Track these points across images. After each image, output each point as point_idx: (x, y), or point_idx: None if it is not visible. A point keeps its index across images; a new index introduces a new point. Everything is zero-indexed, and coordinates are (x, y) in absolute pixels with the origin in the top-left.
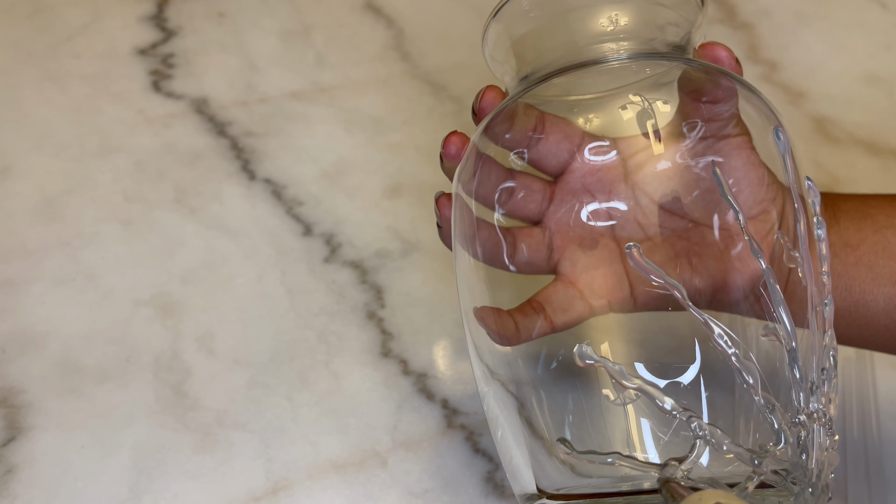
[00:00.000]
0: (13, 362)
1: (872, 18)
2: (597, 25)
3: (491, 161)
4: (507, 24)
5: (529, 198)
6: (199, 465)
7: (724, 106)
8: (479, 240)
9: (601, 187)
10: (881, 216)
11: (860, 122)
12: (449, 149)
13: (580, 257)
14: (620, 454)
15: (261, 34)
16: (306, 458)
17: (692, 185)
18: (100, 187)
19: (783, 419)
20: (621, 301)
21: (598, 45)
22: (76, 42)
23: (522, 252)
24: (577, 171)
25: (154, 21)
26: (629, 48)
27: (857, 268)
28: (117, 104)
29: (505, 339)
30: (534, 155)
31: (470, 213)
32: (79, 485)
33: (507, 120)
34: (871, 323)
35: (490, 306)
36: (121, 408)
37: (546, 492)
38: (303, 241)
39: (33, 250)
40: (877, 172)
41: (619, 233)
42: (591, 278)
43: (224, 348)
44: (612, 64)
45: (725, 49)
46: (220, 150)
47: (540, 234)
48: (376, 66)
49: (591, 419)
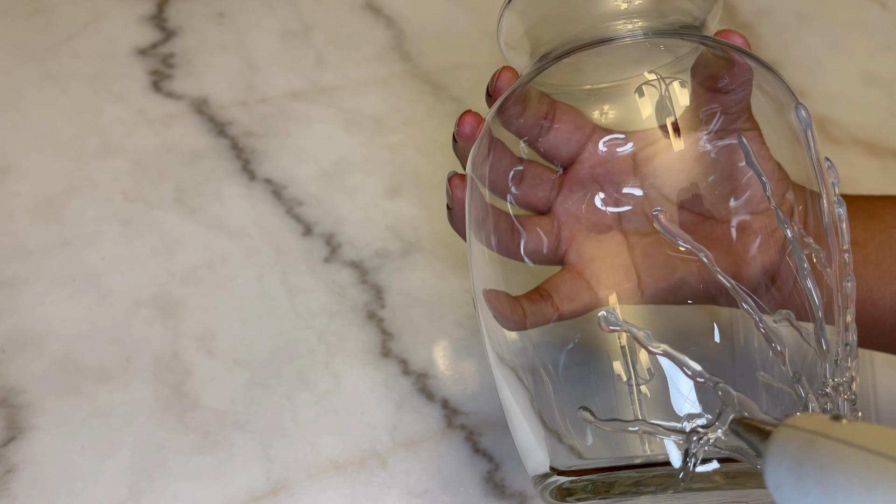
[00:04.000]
0: (13, 362)
1: (872, 18)
2: (611, 4)
3: (502, 146)
4: (521, 10)
5: (539, 186)
6: (199, 465)
7: (736, 95)
8: (489, 225)
9: (611, 178)
10: (888, 216)
11: (860, 122)
12: (463, 128)
13: (588, 248)
14: (645, 420)
15: (261, 34)
16: (306, 458)
17: (705, 175)
18: (100, 187)
19: (810, 390)
20: (628, 292)
21: (613, 24)
22: (76, 42)
23: (530, 241)
24: (587, 162)
25: (154, 21)
26: (644, 27)
27: (864, 266)
28: (117, 104)
29: (512, 324)
30: (544, 144)
31: (481, 198)
32: (79, 485)
33: (520, 103)
34: (878, 321)
35: (500, 290)
36: (121, 408)
37: (558, 469)
38: (303, 241)
39: (33, 250)
40: (877, 172)
41: (627, 225)
42: (598, 269)
43: (224, 348)
44: (625, 41)
45: (741, 36)
46: (220, 150)
47: (548, 223)
48: (376, 66)
49: (603, 404)
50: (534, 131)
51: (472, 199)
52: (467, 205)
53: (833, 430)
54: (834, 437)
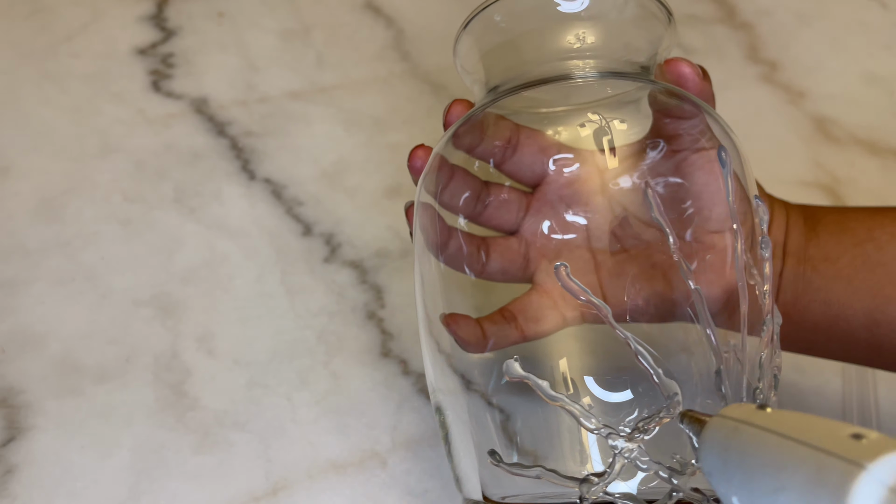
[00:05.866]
0: (13, 362)
1: (872, 18)
2: (564, 42)
3: (463, 171)
4: (478, 36)
5: (505, 208)
6: (199, 465)
7: (693, 121)
8: (452, 249)
9: (576, 199)
10: (861, 229)
11: (860, 122)
12: (415, 162)
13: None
14: (544, 468)
15: (261, 34)
16: (306, 458)
17: (653, 201)
18: (100, 187)
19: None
20: (595, 312)
21: (565, 62)
22: (76, 42)
23: (498, 261)
24: (553, 183)
25: (154, 21)
26: (595, 66)
27: (836, 282)
28: (117, 104)
29: (471, 347)
30: (510, 167)
31: (441, 223)
32: (79, 485)
33: (476, 130)
34: (851, 337)
35: (458, 313)
36: (121, 408)
37: (492, 500)
38: (303, 241)
39: (33, 250)
40: (877, 172)
41: (596, 244)
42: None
43: (224, 348)
44: (576, 82)
45: (689, 65)
46: (219, 150)
47: (516, 243)
48: (376, 65)
49: (538, 430)
50: (497, 155)
51: (429, 226)
52: (420, 231)
53: (756, 418)
54: (756, 425)
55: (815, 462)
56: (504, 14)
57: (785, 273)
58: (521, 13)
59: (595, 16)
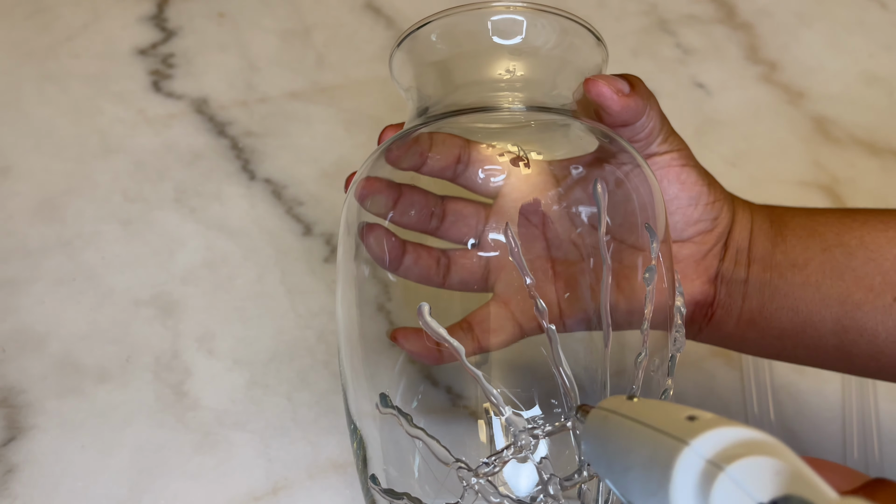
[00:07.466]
0: (13, 362)
1: (872, 18)
2: (494, 73)
3: (411, 188)
4: (412, 55)
5: (463, 221)
6: (199, 465)
7: (636, 126)
8: (409, 263)
9: (532, 210)
10: (829, 234)
11: (860, 122)
12: (363, 192)
13: (514, 278)
14: (409, 495)
15: (261, 34)
16: (306, 458)
17: (613, 212)
18: (100, 187)
19: (557, 479)
20: (552, 322)
21: (495, 93)
22: (76, 42)
23: (458, 273)
24: (508, 196)
25: (154, 21)
26: (523, 98)
27: (804, 289)
28: (117, 104)
29: (428, 360)
30: (464, 181)
31: (391, 239)
32: (79, 485)
33: (413, 146)
34: (818, 344)
35: (408, 327)
36: (121, 408)
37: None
38: (303, 241)
39: (33, 250)
40: (877, 172)
41: (555, 253)
42: (523, 299)
43: (224, 348)
44: (502, 114)
45: (607, 84)
46: (220, 150)
47: (475, 254)
48: (376, 66)
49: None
50: (448, 171)
51: (374, 245)
52: (362, 251)
53: (622, 408)
54: (620, 413)
55: (653, 443)
56: (440, 35)
57: (750, 280)
58: (457, 36)
59: (528, 51)
